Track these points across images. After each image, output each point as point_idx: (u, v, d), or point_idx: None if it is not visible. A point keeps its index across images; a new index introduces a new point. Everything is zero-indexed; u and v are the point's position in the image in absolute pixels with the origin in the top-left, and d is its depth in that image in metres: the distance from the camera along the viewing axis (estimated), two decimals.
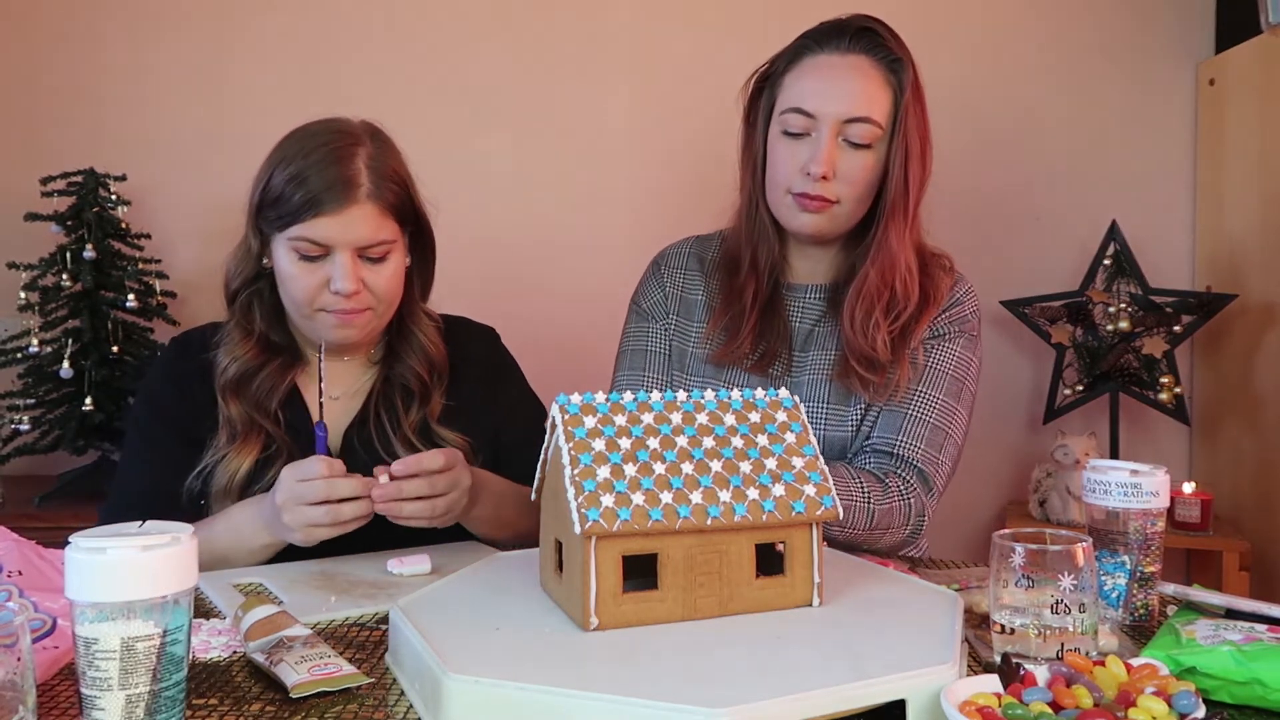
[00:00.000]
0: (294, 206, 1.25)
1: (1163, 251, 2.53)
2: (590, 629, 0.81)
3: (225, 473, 1.29)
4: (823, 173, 1.29)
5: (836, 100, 1.29)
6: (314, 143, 1.28)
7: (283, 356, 1.36)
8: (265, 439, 1.31)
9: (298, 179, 1.25)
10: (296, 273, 1.27)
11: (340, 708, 0.79)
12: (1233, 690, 0.79)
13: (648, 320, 1.48)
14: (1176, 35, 2.56)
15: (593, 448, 0.85)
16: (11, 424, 2.16)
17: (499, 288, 2.50)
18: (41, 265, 2.18)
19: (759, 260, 1.39)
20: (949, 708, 0.69)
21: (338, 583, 1.14)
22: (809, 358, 1.39)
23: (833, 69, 1.31)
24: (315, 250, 1.26)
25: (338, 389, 1.39)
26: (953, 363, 1.37)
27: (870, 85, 1.31)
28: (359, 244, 1.26)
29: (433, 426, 1.37)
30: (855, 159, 1.31)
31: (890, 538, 1.29)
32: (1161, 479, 1.01)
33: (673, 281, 1.49)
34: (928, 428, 1.32)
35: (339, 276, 1.26)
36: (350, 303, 1.28)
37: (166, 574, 0.70)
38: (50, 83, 2.47)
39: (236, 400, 1.32)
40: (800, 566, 0.88)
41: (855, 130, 1.29)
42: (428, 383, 1.39)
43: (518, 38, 2.54)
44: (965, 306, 1.40)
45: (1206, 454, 2.53)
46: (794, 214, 1.34)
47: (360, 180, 1.26)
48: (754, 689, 0.69)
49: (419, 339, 1.40)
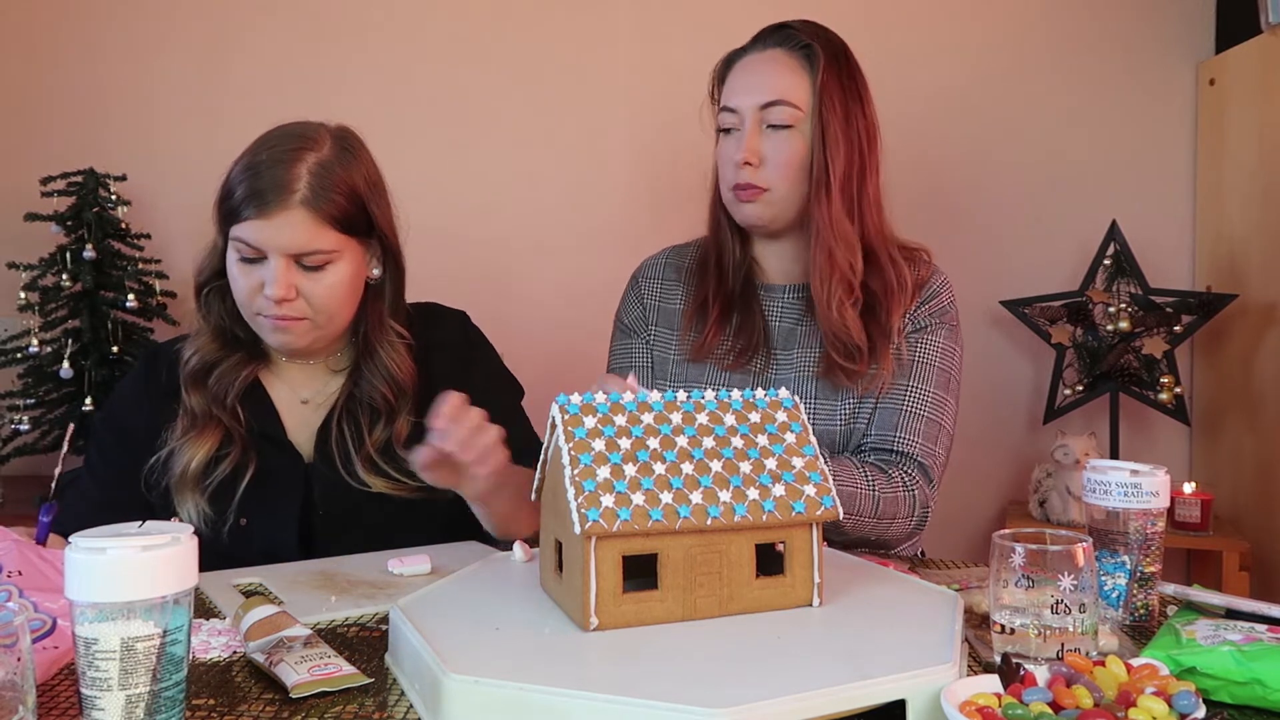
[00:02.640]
0: (233, 205, 1.25)
1: (1163, 251, 2.53)
2: (590, 629, 0.81)
3: (180, 461, 1.29)
4: (744, 158, 1.35)
5: (752, 91, 1.37)
6: (269, 144, 1.27)
7: (242, 351, 1.36)
8: (223, 432, 1.31)
9: (244, 175, 1.25)
10: (236, 273, 1.27)
11: (340, 708, 0.79)
12: (1233, 690, 0.79)
13: (630, 336, 1.51)
14: (1176, 35, 2.56)
15: (593, 448, 0.85)
16: (11, 424, 2.16)
17: (499, 290, 2.50)
18: (41, 265, 2.18)
19: (723, 259, 1.45)
20: (949, 708, 0.69)
21: (338, 583, 1.14)
22: (792, 355, 1.42)
23: (750, 65, 1.40)
24: (251, 252, 1.25)
25: (306, 392, 1.39)
26: (938, 354, 1.40)
27: (782, 70, 1.37)
28: (291, 250, 1.24)
29: (396, 450, 1.33)
30: (778, 140, 1.36)
31: (897, 529, 1.31)
32: (1161, 479, 1.01)
33: (650, 293, 1.52)
34: (922, 421, 1.35)
35: (268, 281, 1.25)
36: (282, 309, 1.26)
37: (166, 574, 0.70)
38: (50, 83, 2.47)
39: (196, 391, 1.32)
40: (800, 566, 0.88)
41: (774, 114, 1.36)
42: (393, 403, 1.35)
43: (515, 44, 2.54)
44: (943, 298, 1.43)
45: (1206, 454, 2.53)
46: (736, 207, 1.40)
47: (296, 186, 1.23)
48: (754, 689, 0.69)
49: (383, 358, 1.36)
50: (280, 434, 1.35)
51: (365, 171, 1.32)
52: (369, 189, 1.31)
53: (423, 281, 1.55)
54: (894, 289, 1.38)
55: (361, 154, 1.33)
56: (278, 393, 1.38)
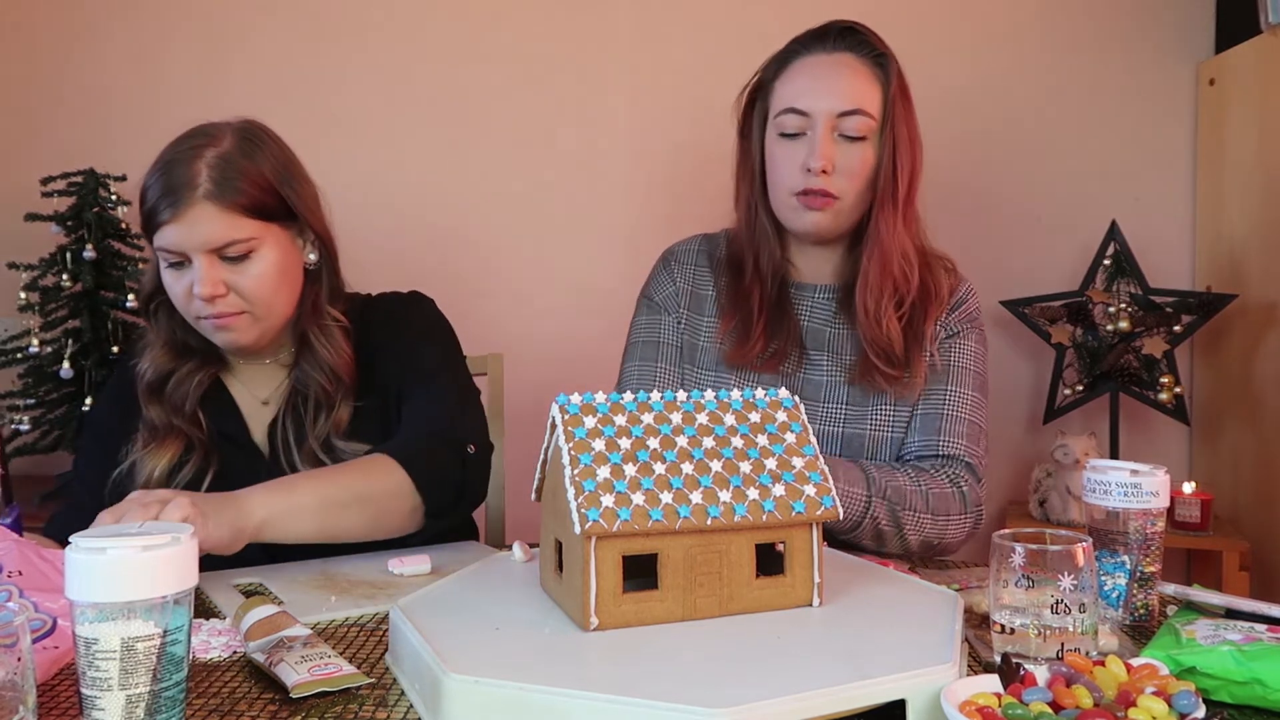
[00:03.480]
0: (145, 216, 1.26)
1: (1163, 251, 2.53)
2: (590, 629, 0.81)
3: (142, 472, 1.30)
4: (822, 166, 1.31)
5: (828, 96, 1.33)
6: (171, 148, 1.28)
7: (196, 359, 1.36)
8: (184, 441, 1.32)
9: (146, 190, 1.26)
10: (169, 281, 1.28)
11: (340, 708, 0.79)
12: (1233, 690, 0.79)
13: (660, 313, 1.49)
14: (1176, 35, 2.56)
15: (593, 448, 0.85)
16: (11, 424, 2.16)
17: (498, 290, 2.50)
18: (41, 265, 2.18)
19: (761, 264, 1.42)
20: (949, 708, 0.69)
21: (338, 583, 1.14)
22: (823, 357, 1.42)
23: (822, 67, 1.35)
24: (174, 257, 1.26)
25: (264, 392, 1.40)
26: (971, 358, 1.42)
27: (859, 79, 1.34)
28: (208, 246, 1.24)
29: (335, 442, 1.32)
30: (852, 151, 1.33)
31: (954, 528, 1.31)
32: (1161, 479, 1.01)
33: (684, 276, 1.50)
34: (964, 424, 1.37)
35: (196, 281, 1.25)
36: (216, 306, 1.26)
37: (166, 574, 0.70)
38: (50, 83, 2.47)
39: (154, 403, 1.33)
40: (800, 567, 0.88)
41: (849, 124, 1.32)
42: (330, 393, 1.34)
43: (515, 43, 2.54)
44: (970, 304, 1.45)
45: (1206, 454, 2.53)
46: (799, 214, 1.36)
47: (197, 182, 1.23)
48: (754, 689, 0.69)
49: (317, 347, 1.35)
50: (244, 435, 1.37)
51: (273, 157, 1.30)
52: (279, 173, 1.30)
53: (424, 282, 1.56)
54: (931, 298, 1.39)
55: (267, 142, 1.32)
56: (239, 395, 1.39)
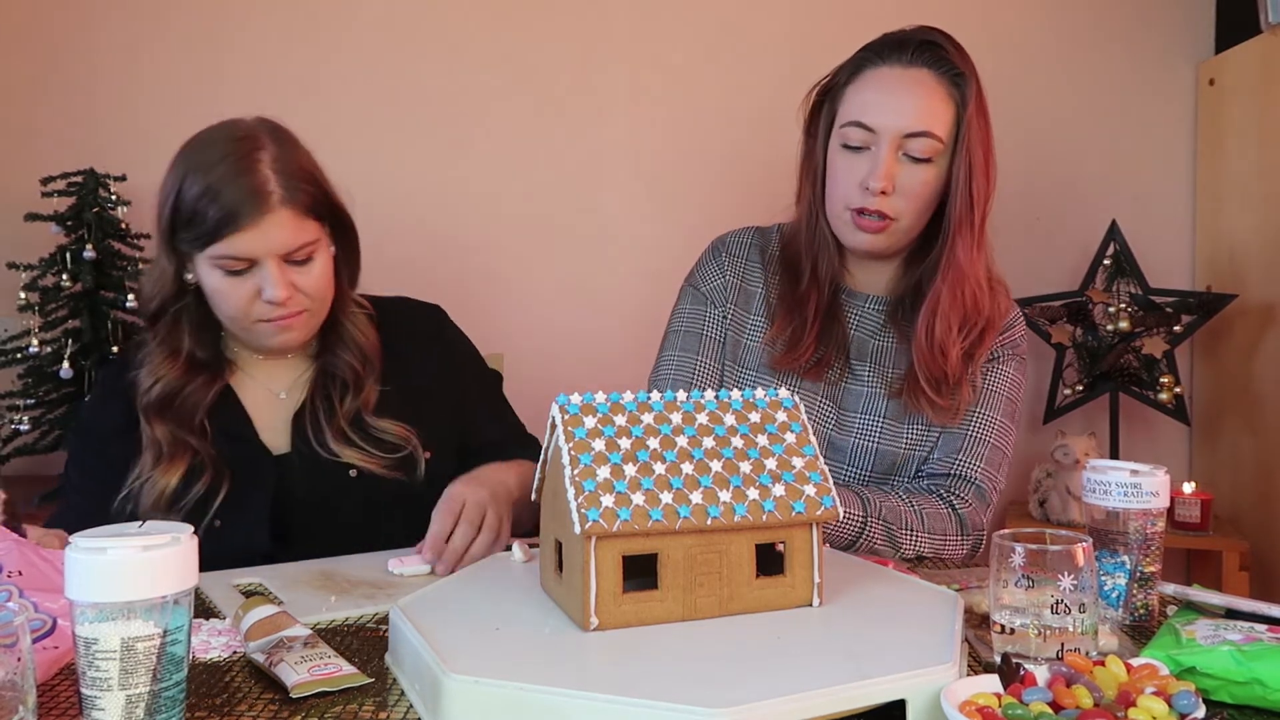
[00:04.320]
0: (210, 225, 1.23)
1: (1163, 251, 2.53)
2: (590, 629, 0.81)
3: (153, 492, 1.27)
4: (882, 187, 1.27)
5: (897, 114, 1.27)
6: (215, 154, 1.25)
7: (206, 372, 1.34)
8: (192, 455, 1.29)
9: (207, 195, 1.23)
10: (226, 288, 1.26)
11: (340, 708, 0.79)
12: (1233, 690, 0.79)
13: (706, 304, 1.45)
14: (1176, 35, 2.57)
15: (593, 448, 0.85)
16: (11, 424, 2.16)
17: (497, 290, 2.50)
18: (41, 265, 2.18)
19: (819, 271, 1.38)
20: (949, 708, 0.68)
21: (338, 583, 1.14)
22: (866, 369, 1.39)
23: (894, 82, 1.29)
24: (239, 265, 1.25)
25: (281, 385, 1.39)
26: (1007, 384, 1.39)
27: (932, 99, 1.28)
28: (282, 251, 1.25)
29: (366, 418, 1.35)
30: (915, 174, 1.29)
31: (951, 549, 1.31)
32: (1161, 479, 1.01)
33: (734, 270, 1.45)
34: (988, 447, 1.35)
35: (269, 286, 1.24)
36: (285, 309, 1.27)
37: (166, 574, 0.70)
38: (50, 83, 2.47)
39: (161, 421, 1.30)
40: (800, 566, 0.88)
41: (915, 145, 1.28)
42: (360, 373, 1.37)
43: (517, 37, 2.54)
44: (1016, 330, 1.42)
45: (1206, 454, 2.53)
46: (851, 231, 1.33)
47: (269, 188, 1.23)
48: (754, 689, 0.69)
49: (349, 330, 1.38)
50: (250, 434, 1.35)
51: (306, 154, 1.32)
52: (316, 169, 1.32)
53: (423, 281, 1.56)
54: (991, 326, 1.37)
55: (294, 139, 1.33)
56: (249, 393, 1.37)
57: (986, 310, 1.35)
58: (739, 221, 1.53)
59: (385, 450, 1.34)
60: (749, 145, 2.48)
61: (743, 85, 2.54)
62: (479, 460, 1.34)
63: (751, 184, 2.33)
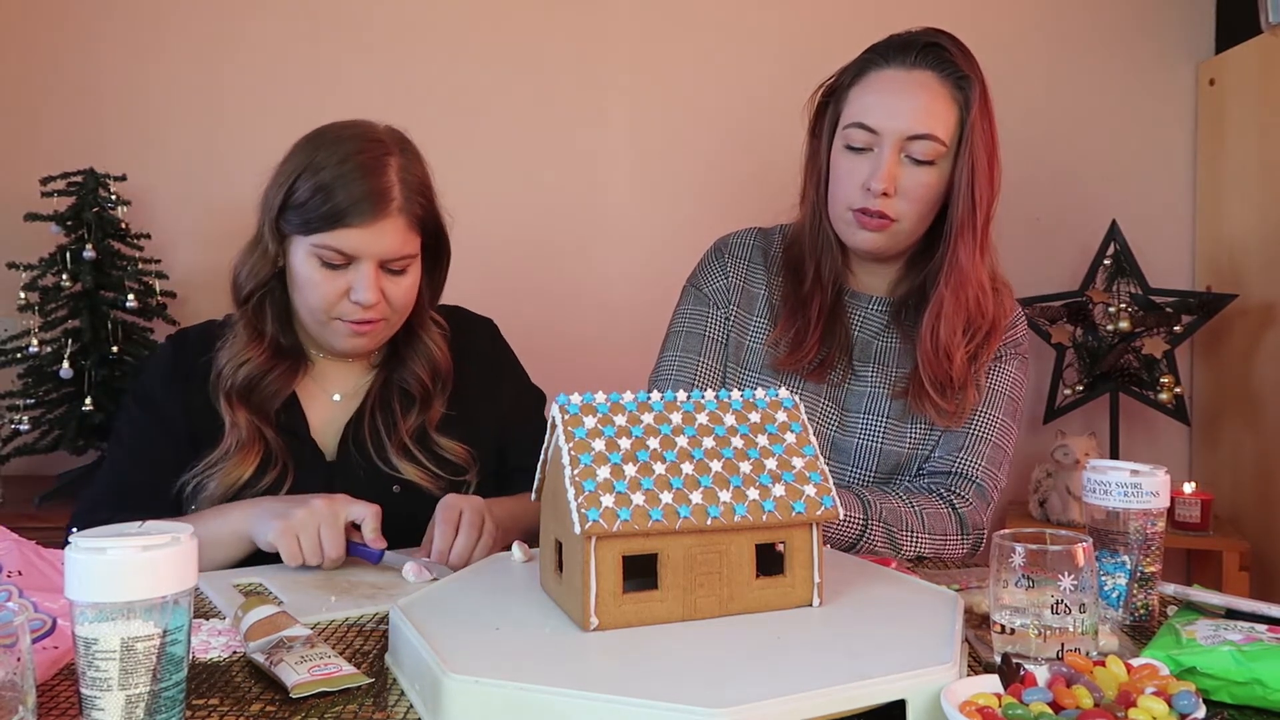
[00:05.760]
0: (323, 215, 1.22)
1: (1163, 251, 2.53)
2: (590, 629, 0.81)
3: (224, 482, 1.26)
4: (883, 188, 1.27)
5: (900, 116, 1.28)
6: (346, 149, 1.25)
7: (289, 361, 1.33)
8: (265, 450, 1.28)
9: (329, 187, 1.23)
10: (318, 279, 1.25)
11: (340, 708, 0.79)
12: (1233, 690, 0.79)
13: (708, 305, 1.44)
14: (1176, 35, 2.57)
15: (593, 448, 0.85)
16: (11, 424, 2.16)
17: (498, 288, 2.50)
18: (41, 265, 2.18)
19: (823, 272, 1.38)
20: (949, 708, 0.68)
21: (338, 583, 1.14)
22: (869, 370, 1.39)
23: (897, 84, 1.29)
24: (339, 259, 1.24)
25: (339, 389, 1.38)
26: (1009, 383, 1.39)
27: (935, 102, 1.28)
28: (385, 256, 1.25)
29: (431, 434, 1.35)
30: (917, 175, 1.29)
31: (952, 548, 1.31)
32: (1161, 479, 1.01)
33: (736, 271, 1.45)
34: (989, 446, 1.35)
35: (361, 287, 1.24)
36: (369, 313, 1.26)
37: (166, 574, 0.70)
38: (50, 83, 2.47)
39: (244, 407, 1.28)
40: (800, 567, 0.88)
41: (918, 147, 1.28)
42: (430, 389, 1.37)
43: (517, 39, 2.54)
44: (1018, 330, 1.43)
45: (1206, 454, 2.53)
46: (853, 231, 1.33)
47: (393, 194, 1.24)
48: (753, 689, 0.69)
49: (426, 345, 1.38)
50: (305, 431, 1.34)
51: (427, 173, 1.33)
52: (431, 186, 1.33)
53: None
54: (996, 329, 1.37)
55: (418, 151, 1.34)
56: (307, 392, 1.36)
57: (991, 313, 1.35)
58: (741, 221, 1.53)
59: (445, 470, 1.34)
60: (750, 144, 2.48)
61: (743, 85, 2.54)
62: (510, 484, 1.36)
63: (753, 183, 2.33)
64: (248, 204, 1.33)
